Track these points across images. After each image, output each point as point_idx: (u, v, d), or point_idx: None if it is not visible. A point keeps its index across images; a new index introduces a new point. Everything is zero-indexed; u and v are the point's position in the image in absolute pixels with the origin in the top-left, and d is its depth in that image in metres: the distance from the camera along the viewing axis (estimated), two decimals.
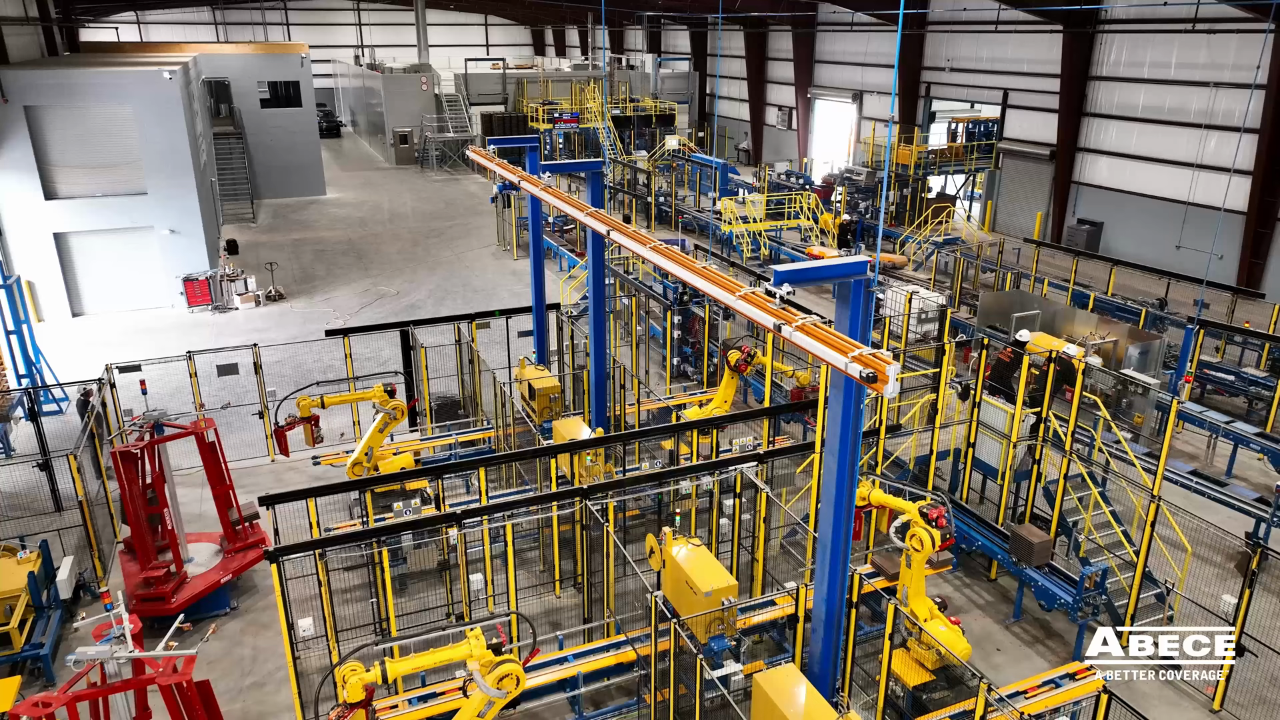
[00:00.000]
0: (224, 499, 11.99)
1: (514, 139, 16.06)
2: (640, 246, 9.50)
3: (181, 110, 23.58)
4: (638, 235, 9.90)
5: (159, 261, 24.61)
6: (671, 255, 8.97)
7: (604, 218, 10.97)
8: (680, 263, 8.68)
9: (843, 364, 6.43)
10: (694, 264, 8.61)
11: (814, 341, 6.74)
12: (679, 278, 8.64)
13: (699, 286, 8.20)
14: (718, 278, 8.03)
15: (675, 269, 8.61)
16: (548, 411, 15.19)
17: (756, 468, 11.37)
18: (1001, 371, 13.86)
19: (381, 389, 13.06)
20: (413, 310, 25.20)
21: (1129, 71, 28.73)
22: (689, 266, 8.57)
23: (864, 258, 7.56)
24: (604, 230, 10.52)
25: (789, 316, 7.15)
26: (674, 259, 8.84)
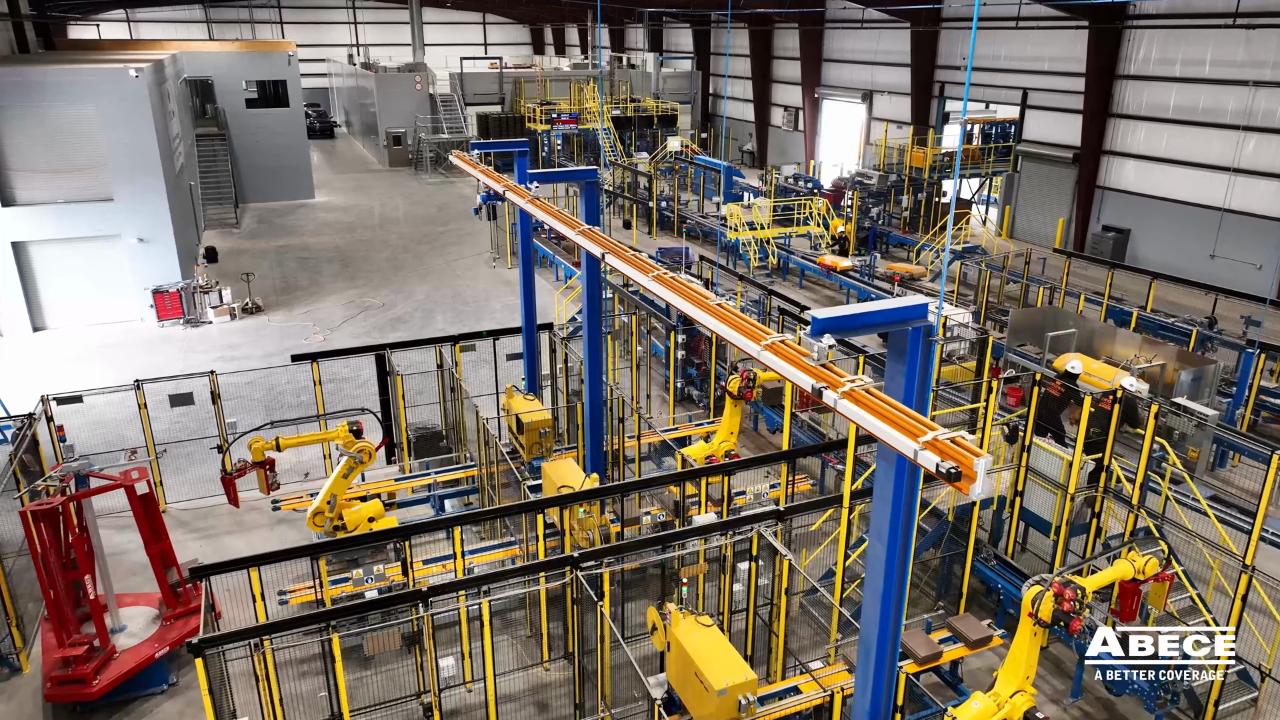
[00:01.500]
0: (161, 558, 10.39)
1: (500, 143, 14.47)
2: (641, 275, 7.91)
3: (149, 110, 21.98)
4: (638, 261, 8.31)
5: (127, 272, 23.02)
6: (679, 289, 7.38)
7: (599, 237, 9.37)
8: (691, 299, 7.09)
9: (911, 451, 4.82)
10: (707, 300, 7.02)
11: (870, 416, 5.13)
12: (689, 315, 7.05)
13: (714, 330, 6.60)
14: (738, 321, 6.43)
15: (685, 306, 7.02)
16: (537, 448, 13.59)
17: (775, 527, 9.77)
18: (1050, 407, 12.27)
19: (346, 428, 11.48)
20: (398, 324, 23.62)
21: (1159, 70, 27.11)
22: (702, 304, 6.97)
23: (924, 300, 5.95)
24: (598, 253, 8.93)
25: (832, 378, 5.55)
26: (683, 293, 7.24)
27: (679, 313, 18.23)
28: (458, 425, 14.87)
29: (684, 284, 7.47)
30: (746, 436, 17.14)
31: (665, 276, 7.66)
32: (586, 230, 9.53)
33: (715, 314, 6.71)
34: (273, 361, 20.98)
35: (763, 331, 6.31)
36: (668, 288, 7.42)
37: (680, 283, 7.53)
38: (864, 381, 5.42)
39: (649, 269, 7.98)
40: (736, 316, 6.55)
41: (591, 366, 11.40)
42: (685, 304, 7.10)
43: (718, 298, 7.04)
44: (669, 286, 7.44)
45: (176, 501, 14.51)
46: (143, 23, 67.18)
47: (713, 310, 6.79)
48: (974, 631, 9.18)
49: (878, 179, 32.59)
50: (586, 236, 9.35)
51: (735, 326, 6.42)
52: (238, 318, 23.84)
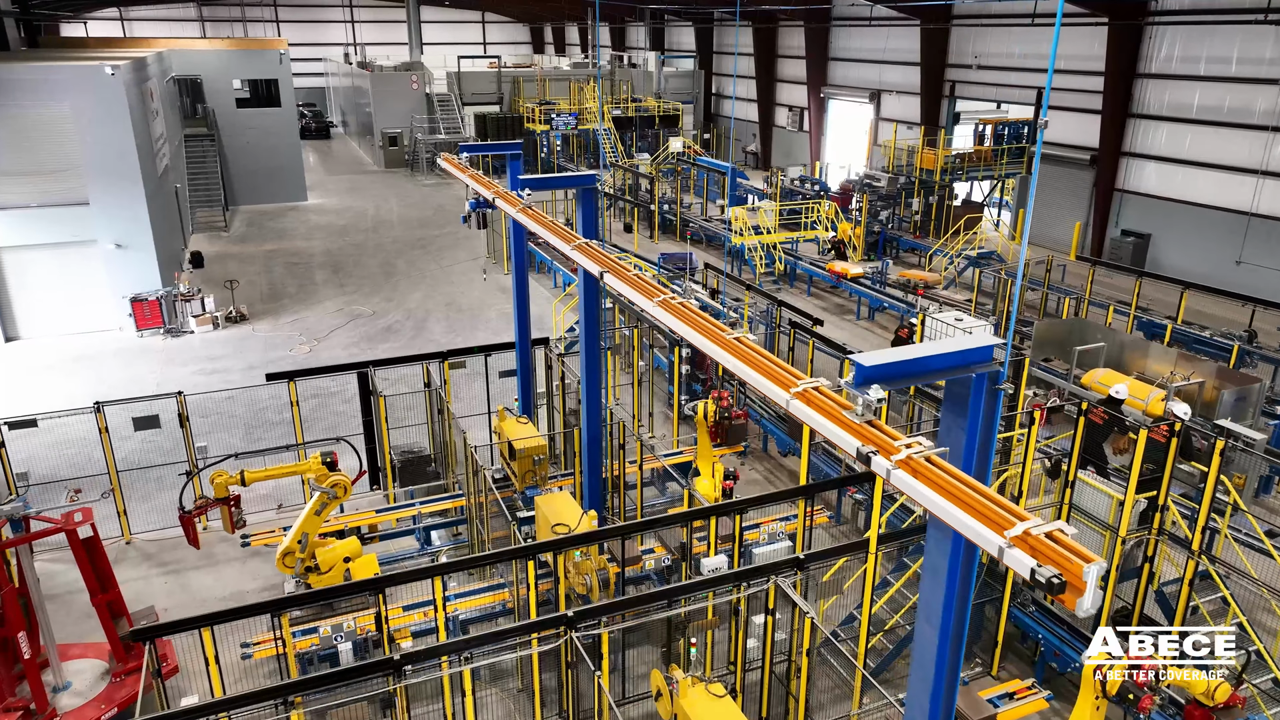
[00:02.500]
0: (110, 607, 9.33)
1: (491, 145, 13.43)
2: (646, 300, 6.85)
3: (126, 110, 20.93)
4: (642, 283, 7.25)
5: (104, 279, 21.97)
6: (690, 318, 6.31)
7: (598, 253, 8.31)
8: (705, 331, 6.03)
9: (996, 547, 3.76)
10: (725, 336, 5.95)
11: (938, 497, 4.07)
12: (705, 353, 5.99)
13: (734, 370, 5.54)
14: (762, 363, 5.37)
15: (698, 340, 5.96)
16: (531, 476, 12.54)
17: (794, 578, 8.71)
18: (1092, 436, 11.19)
19: (319, 461, 10.41)
20: (389, 334, 22.57)
21: (1182, 68, 26.03)
22: (717, 338, 5.92)
23: (990, 340, 4.88)
24: (597, 272, 7.87)
25: (883, 440, 4.49)
26: (695, 324, 6.18)
27: None
28: (446, 448, 13.81)
29: (694, 312, 6.41)
30: (754, 458, 16.08)
31: (673, 303, 6.60)
32: (584, 245, 8.46)
33: (735, 351, 5.65)
34: (255, 374, 19.91)
35: (791, 375, 5.24)
36: (677, 317, 6.36)
37: (690, 310, 6.48)
38: (925, 447, 4.35)
39: (654, 292, 6.93)
40: (759, 355, 5.48)
41: (590, 394, 10.34)
42: (698, 337, 6.04)
43: (735, 330, 5.98)
44: (678, 315, 6.38)
45: (142, 532, 13.46)
46: (136, 21, 66.16)
47: (731, 346, 5.73)
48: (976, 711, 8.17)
49: (887, 181, 31.51)
50: (584, 252, 8.29)
51: (759, 368, 5.36)
52: (221, 327, 22.78)
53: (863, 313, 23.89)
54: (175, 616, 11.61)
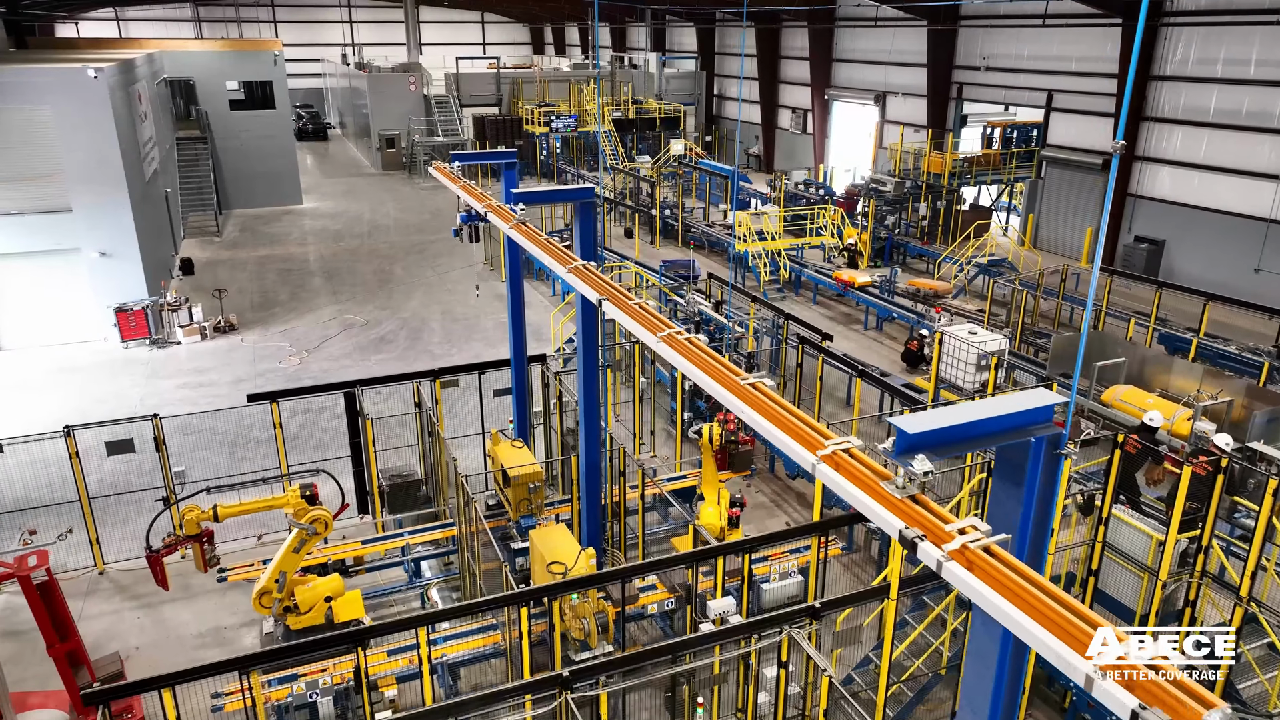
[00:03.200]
0: (69, 657, 8.64)
1: (484, 154, 12.75)
2: (649, 335, 6.16)
3: (110, 114, 20.23)
4: (645, 314, 6.55)
5: (88, 289, 21.27)
6: (703, 361, 5.62)
7: (595, 278, 7.60)
8: (719, 377, 5.33)
9: (1082, 674, 3.06)
10: (740, 383, 5.26)
11: (1005, 603, 3.37)
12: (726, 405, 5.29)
13: (752, 425, 4.85)
14: (784, 416, 4.67)
15: (712, 386, 5.27)
16: (526, 505, 11.86)
17: (809, 628, 8.01)
18: (1123, 466, 10.48)
19: (298, 494, 9.72)
20: (382, 344, 21.88)
21: (1198, 70, 25.32)
22: (733, 385, 5.23)
23: (1050, 398, 4.18)
24: (595, 299, 7.17)
25: (934, 524, 3.78)
26: (707, 368, 5.48)
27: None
28: (438, 471, 13.12)
29: (704, 352, 5.72)
30: (761, 479, 15.39)
31: (679, 339, 5.90)
32: (581, 268, 7.76)
33: (752, 402, 4.95)
34: (242, 388, 19.23)
35: (817, 434, 4.53)
36: (686, 357, 5.67)
37: (699, 349, 5.78)
38: (983, 533, 3.65)
39: (659, 326, 6.23)
40: (779, 408, 4.78)
41: (588, 425, 9.64)
42: (710, 382, 5.34)
43: (751, 375, 5.28)
44: (686, 355, 5.68)
45: (116, 561, 12.77)
46: (133, 21, 65.48)
47: (747, 396, 5.03)
48: None
49: (893, 186, 30.82)
50: (581, 276, 7.59)
51: (780, 423, 4.66)
52: (209, 337, 22.09)
53: (870, 322, 23.20)
54: (147, 655, 10.99)
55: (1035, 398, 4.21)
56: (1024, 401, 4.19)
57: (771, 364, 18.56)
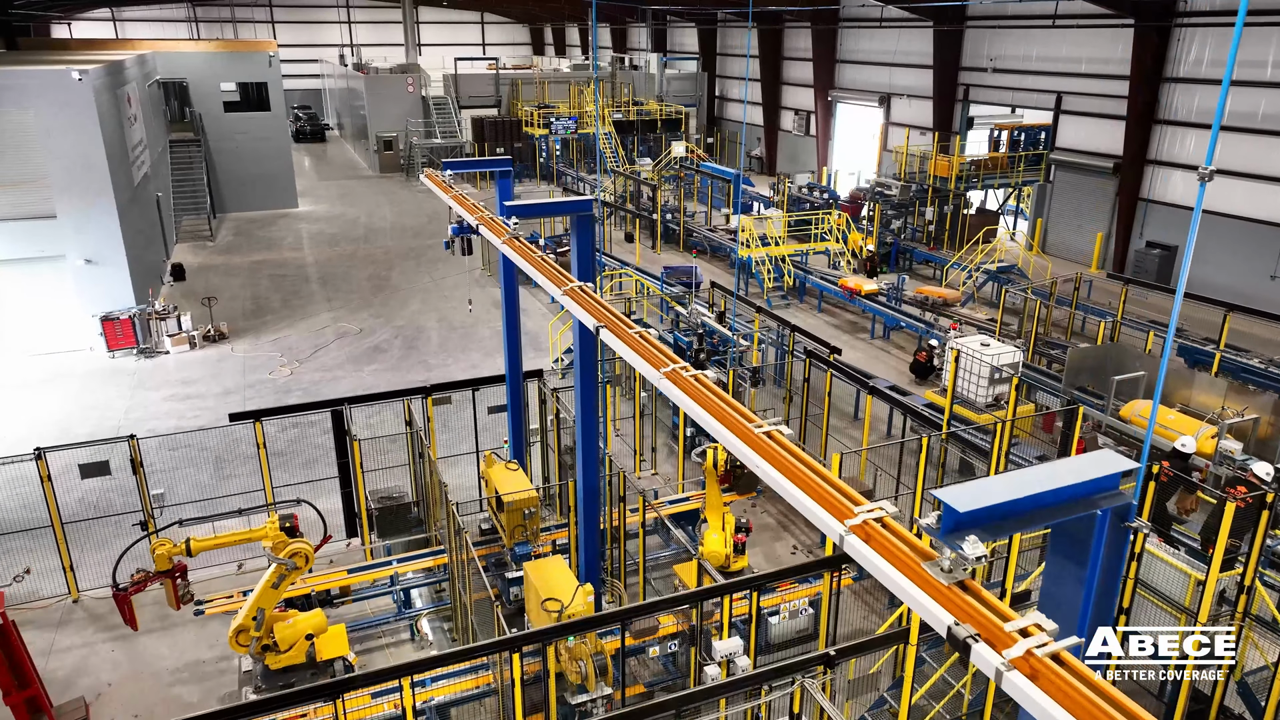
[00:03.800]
0: (28, 706, 8.05)
1: (477, 161, 12.18)
2: (652, 371, 5.57)
3: (95, 117, 19.66)
4: (647, 346, 5.96)
5: (73, 297, 20.70)
6: (712, 403, 5.03)
7: (593, 302, 7.00)
8: (733, 426, 4.74)
9: None
10: (754, 431, 4.66)
11: None
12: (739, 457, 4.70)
13: (770, 482, 4.26)
14: (806, 475, 4.08)
15: (723, 435, 4.67)
16: (521, 531, 11.26)
17: (824, 678, 7.42)
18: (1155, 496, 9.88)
19: (276, 526, 9.13)
20: (376, 354, 21.30)
21: (1213, 72, 24.73)
22: (747, 436, 4.63)
23: (1117, 463, 3.59)
24: (593, 326, 6.58)
25: (990, 621, 3.19)
26: (717, 412, 4.89)
27: (689, 350, 15.90)
28: (430, 493, 12.54)
29: (712, 391, 5.14)
30: (767, 498, 14.77)
31: (684, 377, 5.31)
32: (577, 290, 7.16)
33: (770, 456, 4.36)
34: (230, 400, 18.71)
35: (846, 499, 3.94)
36: (692, 397, 5.08)
37: (706, 388, 5.19)
38: (1048, 633, 3.05)
39: (661, 360, 5.64)
40: (801, 464, 4.19)
41: (586, 454, 9.03)
42: (720, 429, 4.76)
43: (767, 423, 4.68)
44: (693, 395, 5.09)
45: (92, 589, 12.17)
46: (129, 22, 64.93)
47: (764, 449, 4.44)
48: None
49: (899, 189, 30.24)
50: (578, 300, 6.99)
51: (803, 483, 4.07)
52: (198, 346, 21.50)
53: (877, 331, 22.60)
54: (119, 693, 10.42)
55: (1099, 463, 3.62)
56: (1086, 468, 3.60)
57: (776, 377, 17.98)
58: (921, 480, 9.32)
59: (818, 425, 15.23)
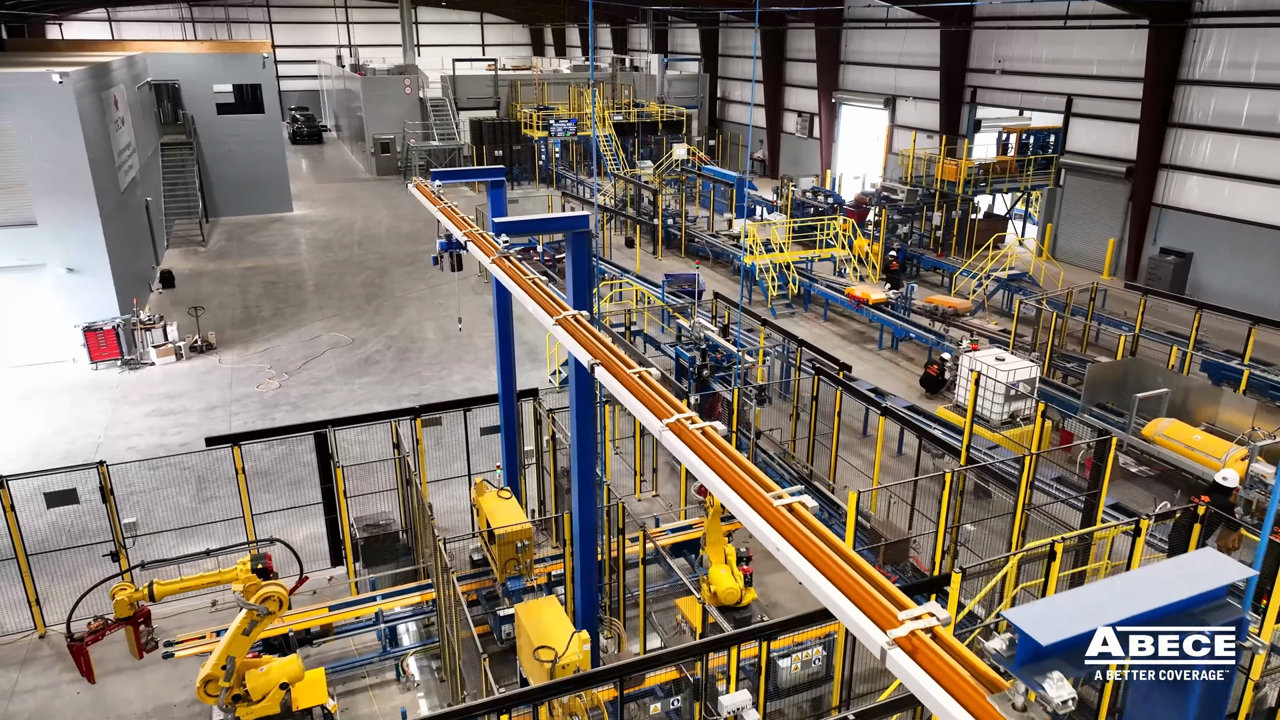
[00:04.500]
0: None
1: (468, 171, 11.52)
2: (653, 420, 4.90)
3: (77, 122, 19.00)
4: (648, 390, 5.28)
5: (55, 307, 20.03)
6: (724, 467, 4.35)
7: (588, 336, 6.32)
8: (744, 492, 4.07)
9: None
10: (772, 504, 3.99)
11: None
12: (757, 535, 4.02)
13: (797, 573, 3.58)
14: (840, 569, 3.40)
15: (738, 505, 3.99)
16: (513, 565, 10.58)
17: None
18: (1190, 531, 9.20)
19: (248, 567, 8.45)
20: (368, 366, 20.62)
21: (1230, 74, 24.03)
22: (766, 510, 3.96)
23: (1224, 570, 2.91)
24: (588, 362, 5.90)
25: None
26: (730, 476, 4.22)
27: (691, 366, 15.21)
28: (417, 524, 11.86)
29: (724, 451, 4.47)
30: None
31: (691, 430, 4.64)
32: (570, 321, 6.47)
33: (795, 538, 3.69)
34: (215, 415, 18.05)
35: (890, 601, 3.26)
36: (701, 457, 4.40)
37: (718, 446, 4.52)
38: None
39: (664, 408, 4.96)
40: (836, 555, 3.51)
41: (583, 499, 8.34)
42: (735, 499, 4.09)
43: (786, 494, 4.01)
44: (702, 454, 4.42)
45: (59, 624, 11.44)
46: (125, 23, 64.32)
47: (788, 528, 3.76)
48: None
49: (906, 194, 29.54)
50: (571, 331, 6.31)
51: (843, 584, 3.38)
52: (184, 357, 20.83)
53: (885, 341, 21.91)
54: None
55: (1200, 567, 2.94)
56: (1186, 576, 2.91)
57: (782, 393, 17.30)
58: (944, 520, 8.66)
59: (824, 444, 14.55)
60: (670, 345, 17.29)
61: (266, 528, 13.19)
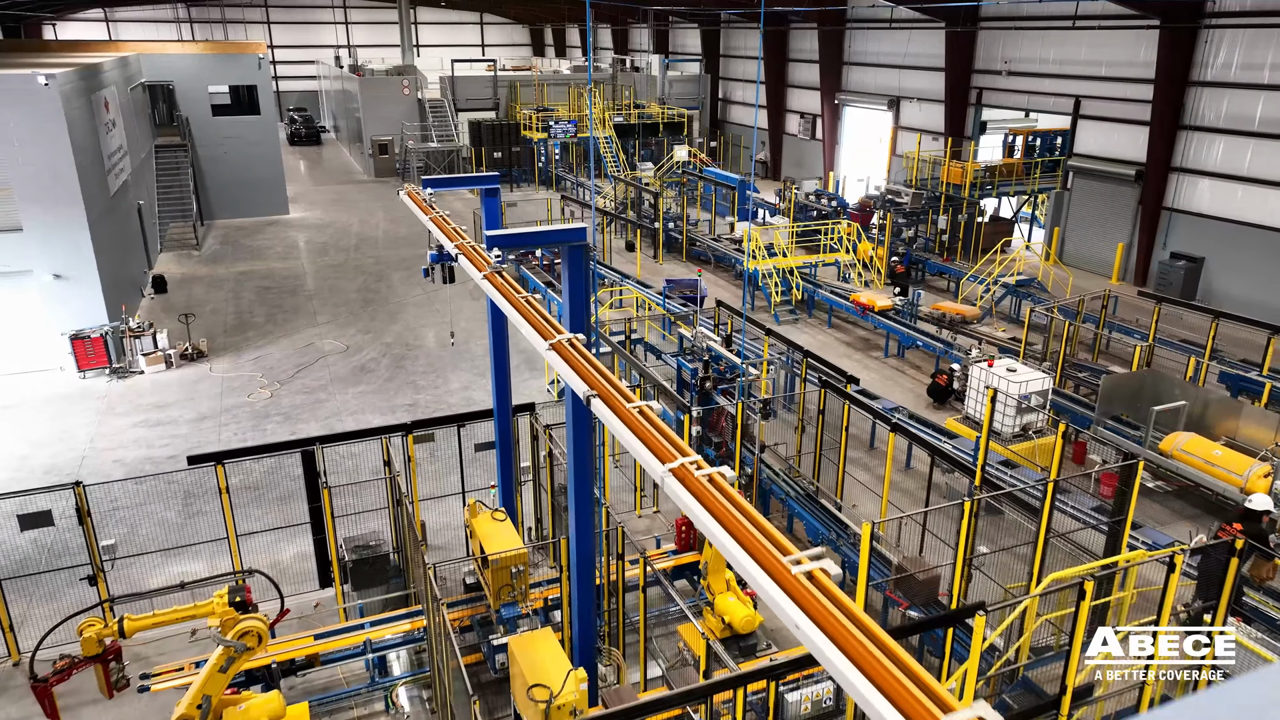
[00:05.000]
0: None
1: (461, 178, 11.06)
2: (656, 465, 4.41)
3: (63, 125, 18.53)
4: (650, 429, 4.81)
5: (41, 314, 19.58)
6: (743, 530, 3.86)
7: (584, 364, 5.84)
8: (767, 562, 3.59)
9: None
10: (791, 571, 3.51)
11: None
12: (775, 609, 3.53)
13: (833, 668, 3.10)
14: (902, 689, 2.91)
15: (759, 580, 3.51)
16: (508, 591, 10.11)
17: None
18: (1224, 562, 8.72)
19: (225, 601, 7.98)
20: (362, 374, 20.15)
21: (1243, 75, 23.54)
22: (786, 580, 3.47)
23: None
24: (584, 393, 5.42)
25: None
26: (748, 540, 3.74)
27: (695, 380, 14.74)
28: (407, 546, 11.38)
29: (738, 506, 3.99)
30: None
31: (697, 478, 4.17)
32: (565, 345, 5.98)
33: (830, 625, 3.19)
34: (205, 427, 17.59)
35: (937, 703, 2.78)
36: (712, 510, 3.91)
37: (729, 498, 4.04)
38: None
39: (668, 451, 4.48)
40: (876, 648, 3.02)
41: (580, 535, 7.86)
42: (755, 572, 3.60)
43: (805, 557, 3.52)
44: (713, 509, 3.93)
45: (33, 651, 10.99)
46: (123, 23, 63.88)
47: (817, 610, 3.27)
48: None
49: (911, 197, 29.05)
50: (566, 357, 5.81)
51: (880, 677, 2.89)
52: (174, 366, 20.36)
53: (891, 349, 21.43)
54: None
55: None
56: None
57: (786, 404, 16.82)
58: (963, 551, 8.18)
59: (830, 458, 14.06)
60: (672, 356, 16.82)
61: (253, 546, 12.76)
